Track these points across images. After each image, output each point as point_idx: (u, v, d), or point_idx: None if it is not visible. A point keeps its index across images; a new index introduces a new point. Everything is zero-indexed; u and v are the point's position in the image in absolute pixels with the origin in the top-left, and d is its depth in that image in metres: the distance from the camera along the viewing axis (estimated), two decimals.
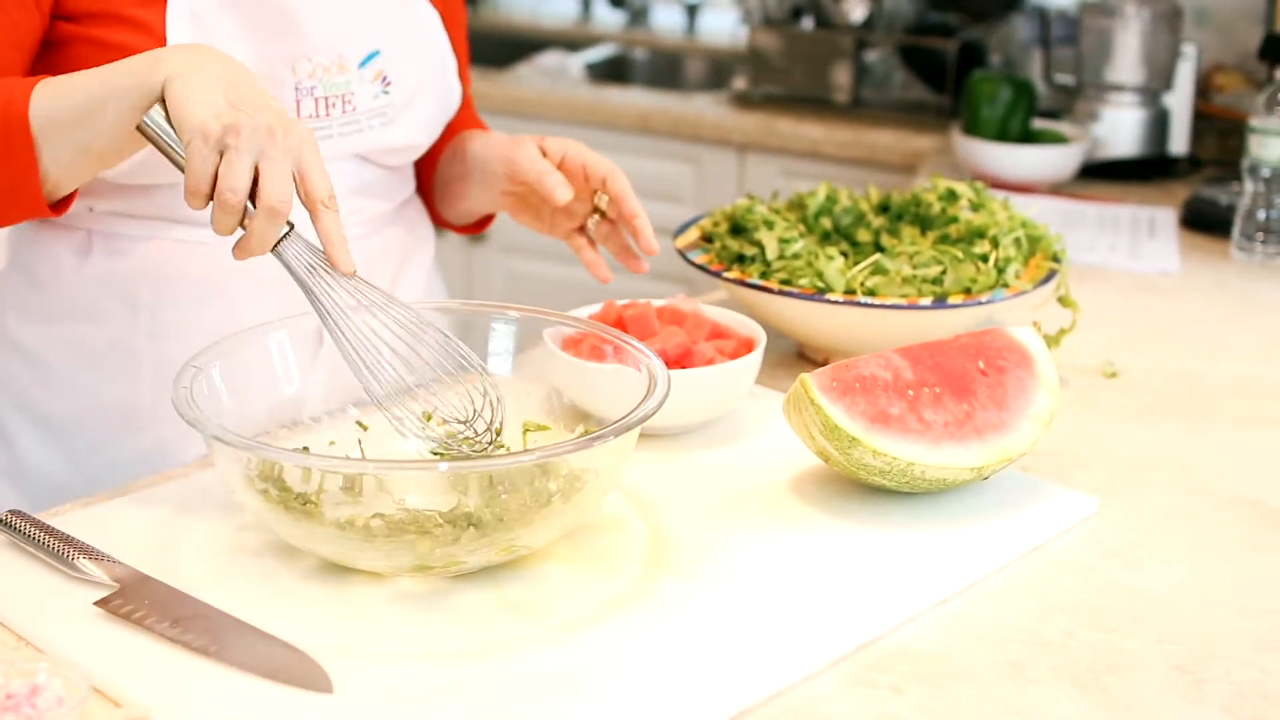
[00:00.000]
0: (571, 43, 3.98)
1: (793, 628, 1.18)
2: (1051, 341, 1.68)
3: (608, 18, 4.13)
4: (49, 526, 1.28)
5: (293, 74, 1.47)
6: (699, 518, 1.35)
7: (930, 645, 1.19)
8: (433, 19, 1.62)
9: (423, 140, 1.62)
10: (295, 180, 1.22)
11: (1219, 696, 1.14)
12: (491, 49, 4.00)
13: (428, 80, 1.61)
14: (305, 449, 1.35)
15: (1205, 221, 2.36)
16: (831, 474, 1.43)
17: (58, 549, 1.25)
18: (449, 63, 1.64)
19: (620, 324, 1.53)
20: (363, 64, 1.52)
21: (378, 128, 1.56)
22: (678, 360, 1.48)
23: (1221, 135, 2.82)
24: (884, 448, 1.32)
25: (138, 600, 1.19)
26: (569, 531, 1.29)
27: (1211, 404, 1.69)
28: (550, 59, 3.72)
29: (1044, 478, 1.46)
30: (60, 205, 1.36)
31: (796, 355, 1.77)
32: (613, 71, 3.90)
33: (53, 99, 1.28)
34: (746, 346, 1.54)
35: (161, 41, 1.41)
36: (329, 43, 1.49)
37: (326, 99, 1.50)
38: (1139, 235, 2.32)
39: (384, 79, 1.55)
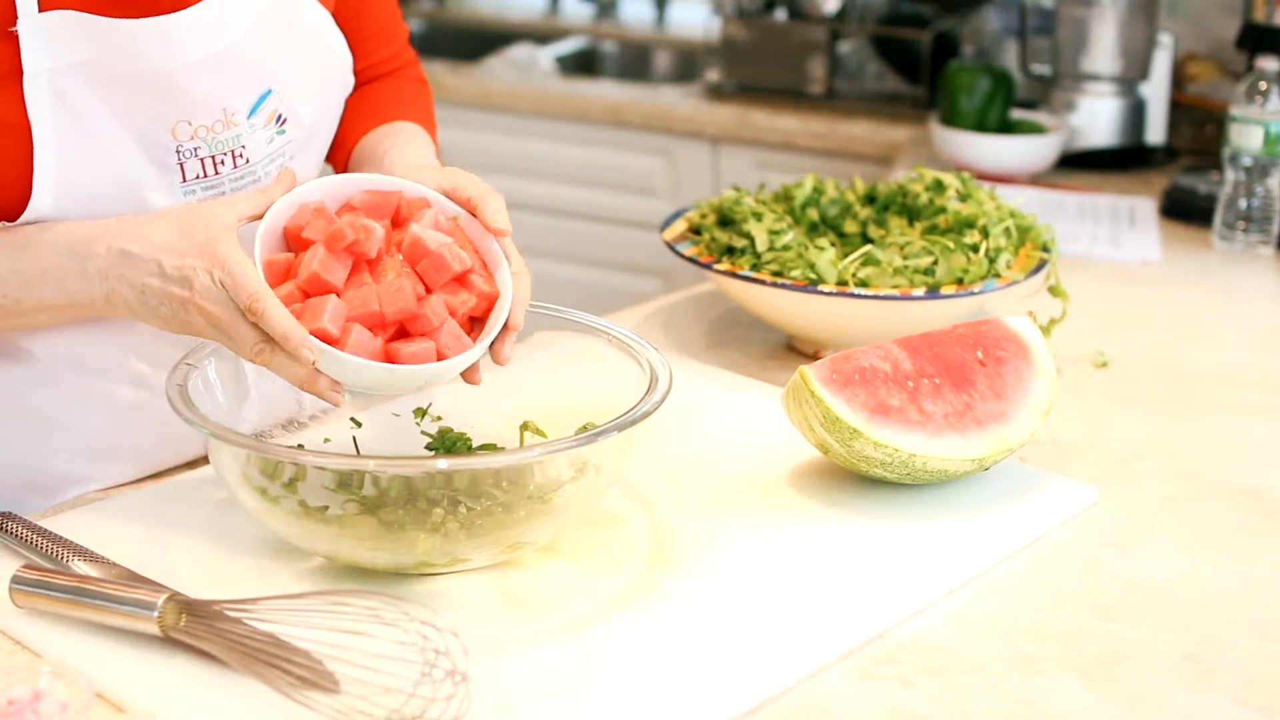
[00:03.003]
0: (540, 35, 3.96)
1: (799, 622, 1.18)
2: (1043, 331, 1.67)
3: (576, 10, 4.11)
4: (41, 528, 1.26)
5: (173, 137, 1.33)
6: (699, 512, 1.34)
7: (938, 637, 1.18)
8: (321, 19, 1.46)
9: (318, 173, 1.50)
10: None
11: (1229, 685, 1.13)
12: (460, 42, 3.97)
13: (327, 103, 1.47)
14: (300, 446, 1.33)
15: (1184, 210, 2.37)
16: (828, 466, 1.42)
17: (51, 551, 1.23)
18: (345, 66, 1.49)
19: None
20: (252, 112, 1.38)
21: (275, 172, 1.42)
22: (400, 330, 1.21)
23: (1196, 124, 2.82)
24: (886, 439, 1.31)
25: None
26: (571, 527, 1.27)
27: (1200, 392, 1.69)
28: (520, 52, 3.69)
29: (1040, 468, 1.45)
30: None
31: (785, 348, 1.76)
32: (582, 64, 3.88)
33: None
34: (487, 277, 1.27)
35: (22, 134, 1.26)
36: (211, 100, 1.34)
37: (214, 157, 1.36)
38: (1119, 225, 2.32)
39: (279, 119, 1.40)
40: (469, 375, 1.27)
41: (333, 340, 1.18)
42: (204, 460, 1.45)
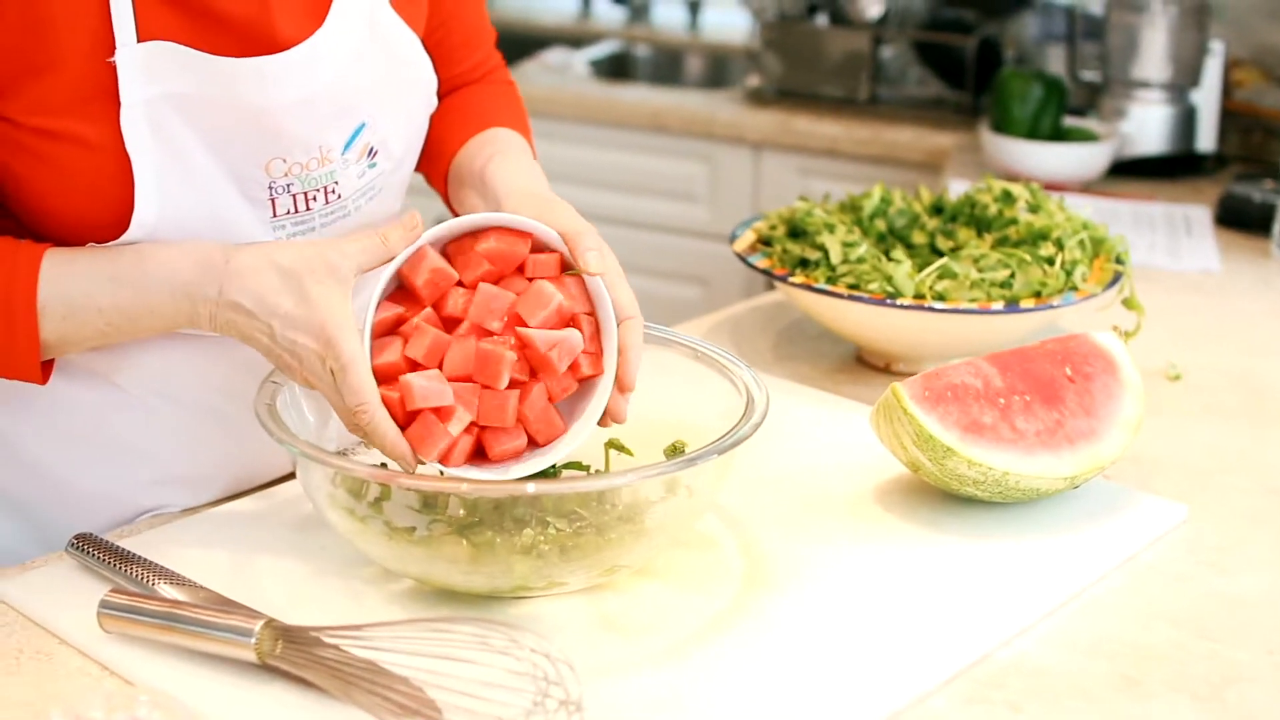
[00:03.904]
0: (572, 40, 3.95)
1: (902, 644, 1.16)
2: None
3: (609, 13, 4.10)
4: (124, 551, 1.24)
5: (266, 174, 1.31)
6: (790, 532, 1.32)
7: (1041, 659, 1.16)
8: (411, 45, 1.40)
9: (399, 206, 1.48)
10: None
11: None
12: None
13: (415, 130, 1.43)
14: (383, 465, 1.32)
15: (1240, 219, 2.35)
16: (914, 483, 1.40)
17: (136, 574, 1.21)
18: (431, 89, 1.44)
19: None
20: (346, 147, 1.35)
21: (365, 205, 1.40)
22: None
23: (1243, 131, 2.81)
24: (979, 458, 1.29)
25: None
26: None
27: (1275, 404, 1.67)
28: (554, 56, 3.68)
29: (1126, 484, 1.43)
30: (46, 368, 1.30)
31: (855, 360, 1.74)
32: (616, 68, 3.87)
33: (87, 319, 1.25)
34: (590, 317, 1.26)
35: (119, 159, 1.24)
36: (307, 139, 1.31)
37: (306, 193, 1.33)
38: (1176, 234, 2.30)
39: (370, 151, 1.37)
40: None
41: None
42: (275, 484, 1.43)
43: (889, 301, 1.56)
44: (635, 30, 3.99)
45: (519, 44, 3.91)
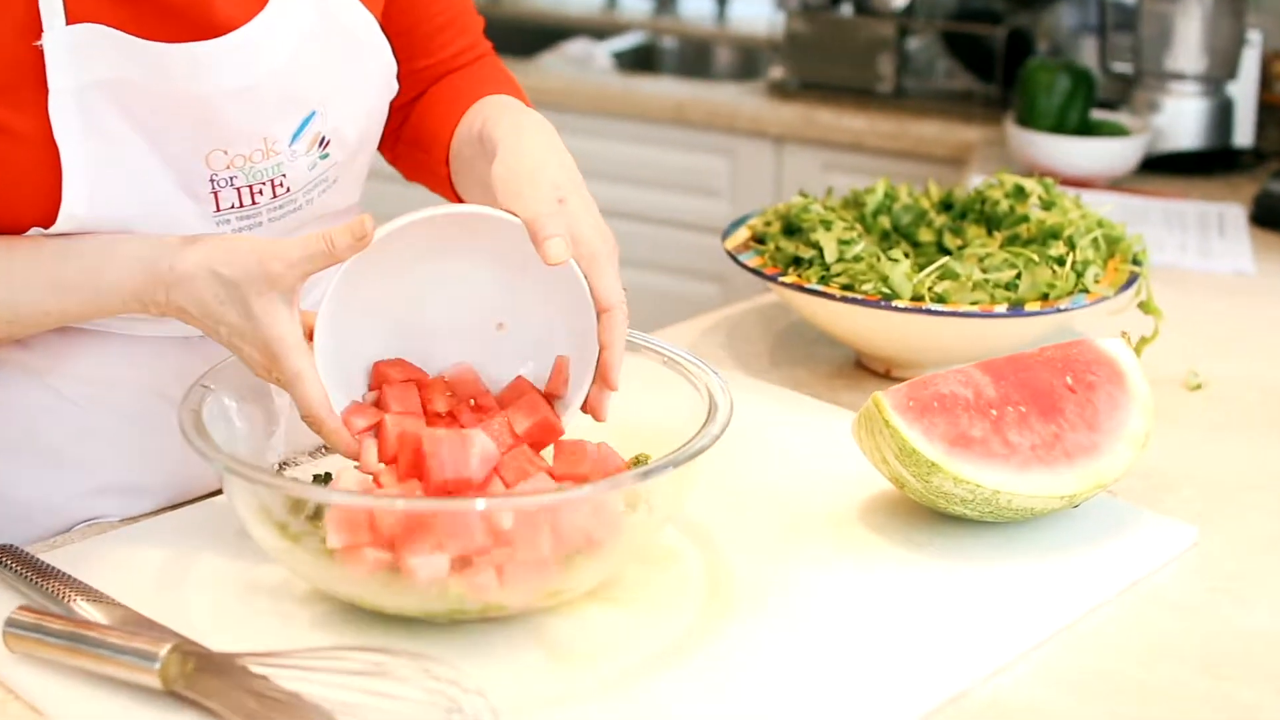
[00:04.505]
0: (598, 31, 3.86)
1: (874, 678, 1.06)
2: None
3: (635, 5, 4.01)
4: (43, 564, 1.16)
5: (206, 166, 1.23)
6: (761, 550, 1.22)
7: (1028, 697, 1.06)
8: (366, 25, 1.31)
9: (358, 195, 1.41)
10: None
11: None
12: (515, 37, 3.88)
13: (371, 116, 1.34)
14: (327, 475, 1.23)
15: (1276, 218, 2.24)
16: (904, 500, 1.30)
17: (54, 590, 1.13)
18: (390, 72, 1.35)
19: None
20: (294, 138, 1.26)
21: (317, 197, 1.32)
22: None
23: None
24: (967, 474, 1.19)
25: None
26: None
27: None
28: (577, 47, 3.59)
29: (1133, 502, 1.33)
30: None
31: (855, 365, 1.64)
32: (641, 60, 3.78)
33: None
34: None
35: (47, 149, 1.17)
36: (250, 130, 1.23)
37: (251, 187, 1.26)
38: (1208, 233, 2.19)
39: (321, 141, 1.28)
40: None
41: None
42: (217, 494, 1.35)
43: (884, 303, 1.46)
44: (662, 21, 3.90)
45: (544, 35, 3.83)
